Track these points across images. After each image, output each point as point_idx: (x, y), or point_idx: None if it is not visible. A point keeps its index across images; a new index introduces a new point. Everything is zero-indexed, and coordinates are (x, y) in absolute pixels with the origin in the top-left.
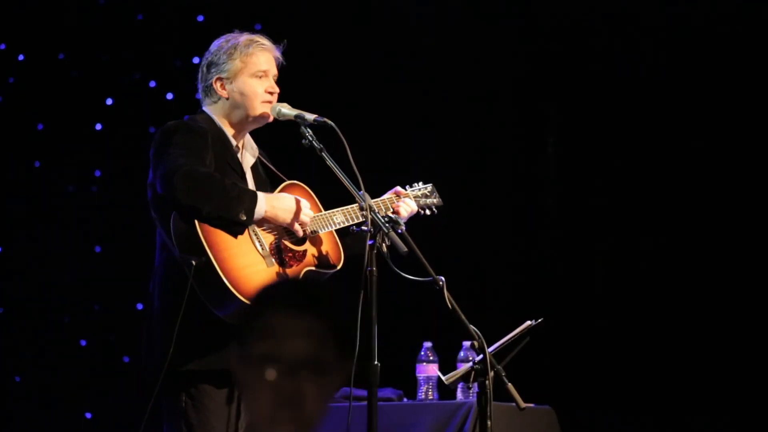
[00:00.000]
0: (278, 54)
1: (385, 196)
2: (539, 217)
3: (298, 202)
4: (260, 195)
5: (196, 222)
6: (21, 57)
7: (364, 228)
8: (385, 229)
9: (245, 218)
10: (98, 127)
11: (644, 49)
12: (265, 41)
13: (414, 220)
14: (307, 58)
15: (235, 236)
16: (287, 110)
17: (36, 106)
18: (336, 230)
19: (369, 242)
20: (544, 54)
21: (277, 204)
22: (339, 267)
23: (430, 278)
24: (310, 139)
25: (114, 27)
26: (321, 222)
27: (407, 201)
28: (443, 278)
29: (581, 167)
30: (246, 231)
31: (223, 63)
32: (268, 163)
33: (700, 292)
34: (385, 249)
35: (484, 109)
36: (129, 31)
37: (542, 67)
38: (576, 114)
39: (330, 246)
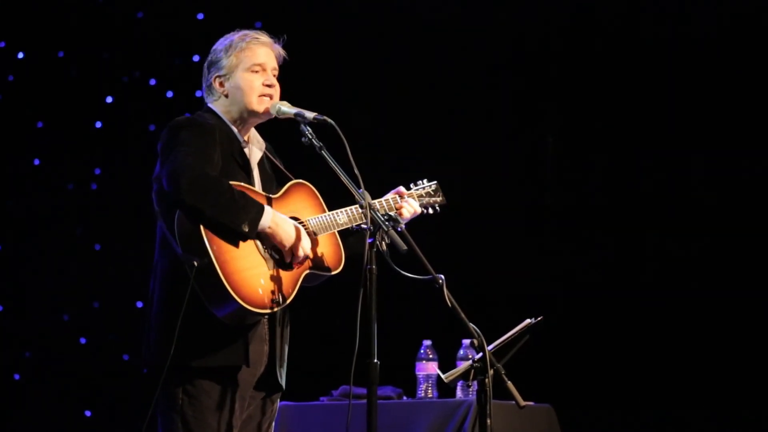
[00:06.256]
0: (278, 48)
1: (388, 197)
2: (539, 215)
3: (298, 231)
4: (267, 210)
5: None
6: (21, 55)
7: (363, 226)
8: (384, 227)
9: (247, 230)
10: (98, 125)
11: (644, 48)
12: (260, 35)
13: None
14: (307, 55)
15: (237, 241)
16: (287, 108)
17: (36, 104)
18: (338, 231)
19: (368, 240)
20: (544, 53)
21: (281, 224)
22: (339, 269)
23: (430, 276)
24: (310, 137)
25: (114, 25)
26: (324, 223)
27: (410, 201)
28: (443, 276)
29: (581, 166)
30: None
31: (219, 61)
32: (275, 159)
33: (699, 290)
34: (384, 247)
35: (485, 107)
36: (129, 29)
37: (542, 67)
38: (576, 113)
39: (332, 248)
